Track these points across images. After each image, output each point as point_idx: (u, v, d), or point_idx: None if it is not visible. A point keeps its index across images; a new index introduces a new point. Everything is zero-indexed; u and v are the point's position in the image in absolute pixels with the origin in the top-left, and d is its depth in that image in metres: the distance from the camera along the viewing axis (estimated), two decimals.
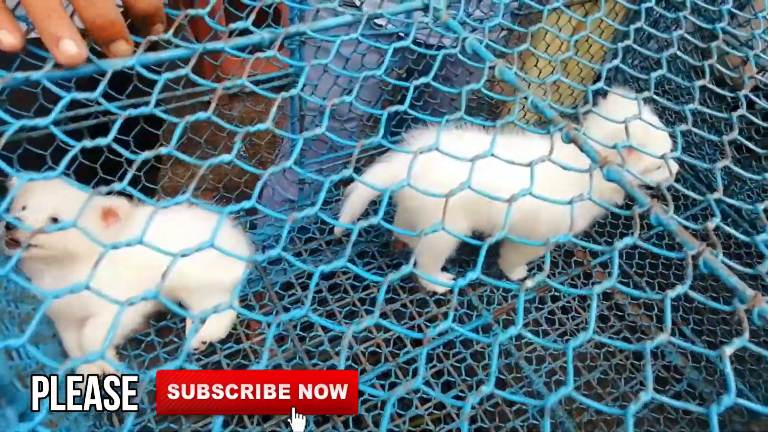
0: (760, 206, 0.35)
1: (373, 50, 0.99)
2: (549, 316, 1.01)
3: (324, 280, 0.97)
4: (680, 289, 0.30)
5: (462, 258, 1.02)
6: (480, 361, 0.93)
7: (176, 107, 0.83)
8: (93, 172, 0.79)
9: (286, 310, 0.94)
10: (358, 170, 1.10)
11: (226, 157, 0.32)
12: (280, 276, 0.99)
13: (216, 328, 0.86)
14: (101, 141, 0.31)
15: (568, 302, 1.04)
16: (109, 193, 0.31)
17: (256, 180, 0.35)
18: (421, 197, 0.84)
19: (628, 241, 0.32)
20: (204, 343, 0.85)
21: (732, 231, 0.34)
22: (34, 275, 0.71)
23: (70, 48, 0.34)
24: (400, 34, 0.98)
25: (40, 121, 0.31)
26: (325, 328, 0.90)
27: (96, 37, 0.36)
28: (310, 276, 0.99)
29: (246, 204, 0.30)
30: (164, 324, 0.88)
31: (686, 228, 0.33)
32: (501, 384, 0.94)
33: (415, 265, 0.36)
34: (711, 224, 0.33)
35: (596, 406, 0.27)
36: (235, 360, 0.86)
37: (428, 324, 0.95)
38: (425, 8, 0.46)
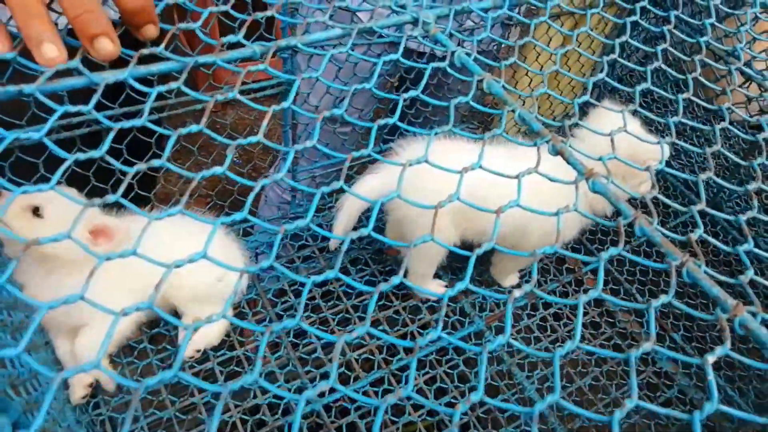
0: (742, 218, 0.36)
1: (367, 55, 1.00)
2: (541, 323, 1.02)
3: (317, 287, 0.98)
4: (664, 299, 0.31)
5: (455, 265, 1.02)
6: (472, 368, 0.94)
7: (170, 115, 0.84)
8: (87, 179, 0.79)
9: (279, 317, 0.94)
10: (351, 178, 1.11)
11: (218, 170, 0.33)
12: (273, 283, 0.99)
13: (209, 335, 0.86)
14: (94, 153, 0.31)
15: (560, 309, 1.05)
16: (104, 204, 0.32)
17: (250, 188, 0.35)
18: (408, 207, 0.85)
19: (613, 251, 0.33)
20: (198, 351, 0.85)
21: (715, 242, 0.35)
22: (26, 277, 0.71)
23: (50, 51, 0.36)
24: (394, 41, 0.99)
25: (33, 134, 0.31)
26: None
27: (81, 35, 0.37)
28: (303, 284, 1.00)
29: (238, 216, 0.31)
30: (157, 331, 0.88)
31: (671, 239, 0.34)
32: (493, 390, 0.94)
33: (406, 274, 0.36)
34: (694, 235, 0.33)
35: (583, 413, 0.28)
36: (229, 367, 0.86)
37: (421, 331, 0.95)
38: (415, 21, 0.46)
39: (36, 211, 0.67)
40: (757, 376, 0.97)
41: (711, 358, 0.29)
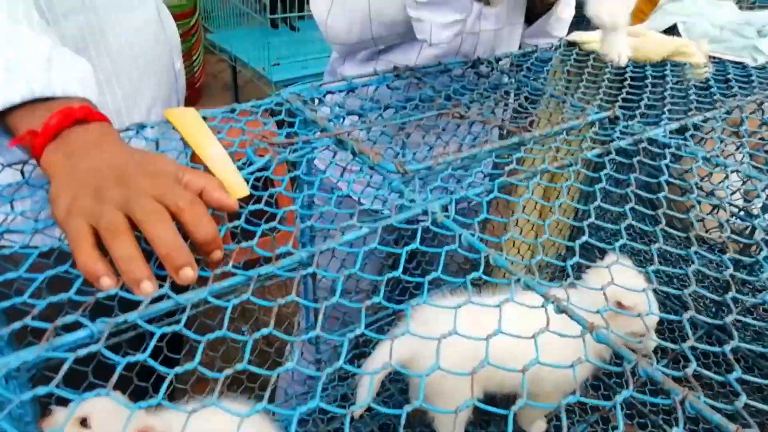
0: (727, 347, 0.43)
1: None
2: None
3: None
4: (676, 431, 0.36)
5: (482, 418, 1.04)
6: None
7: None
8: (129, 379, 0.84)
9: None
10: (369, 342, 1.16)
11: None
12: None
13: None
14: (189, 366, 0.38)
15: None
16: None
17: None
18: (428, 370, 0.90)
19: (625, 394, 0.39)
20: None
21: (709, 374, 0.41)
22: None
23: (148, 287, 0.45)
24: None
25: (141, 356, 0.38)
26: None
27: (169, 267, 0.46)
28: None
29: (312, 405, 0.37)
30: None
31: (670, 376, 0.40)
32: None
33: None
34: (689, 370, 0.40)
35: None
36: None
37: None
38: (425, 213, 0.57)
39: (84, 422, 0.71)
40: None
41: None
